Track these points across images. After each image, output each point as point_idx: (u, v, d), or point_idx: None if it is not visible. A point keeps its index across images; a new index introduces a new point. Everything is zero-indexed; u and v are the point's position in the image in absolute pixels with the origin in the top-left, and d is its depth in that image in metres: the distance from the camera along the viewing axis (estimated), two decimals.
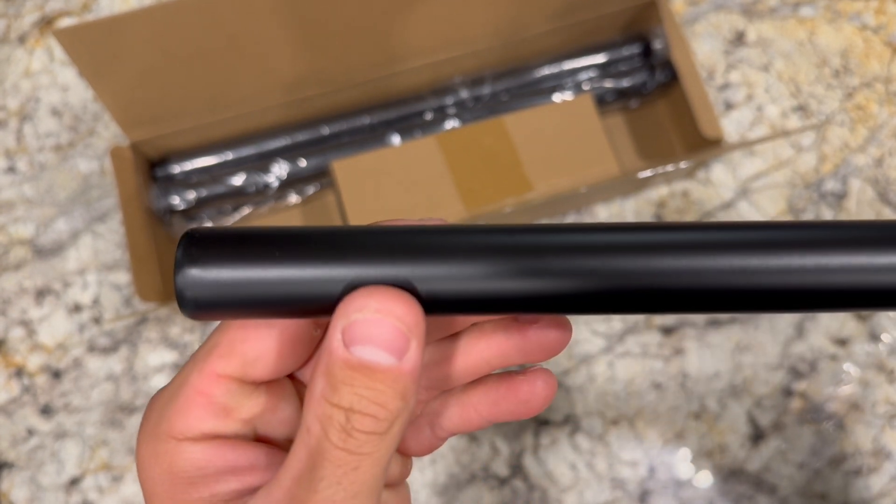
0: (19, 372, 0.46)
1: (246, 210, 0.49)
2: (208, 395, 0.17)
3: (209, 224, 0.49)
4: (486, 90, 0.50)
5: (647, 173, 0.44)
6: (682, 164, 0.46)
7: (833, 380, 0.49)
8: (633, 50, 0.51)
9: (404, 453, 0.21)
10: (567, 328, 0.19)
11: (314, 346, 0.18)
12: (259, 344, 0.17)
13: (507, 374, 0.20)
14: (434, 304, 0.16)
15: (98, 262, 0.48)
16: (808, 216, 0.52)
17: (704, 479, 0.47)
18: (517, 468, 0.46)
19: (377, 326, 0.15)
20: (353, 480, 0.15)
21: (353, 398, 0.15)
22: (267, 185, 0.47)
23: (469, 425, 0.20)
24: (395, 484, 0.20)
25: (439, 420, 0.20)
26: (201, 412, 0.17)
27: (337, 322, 0.15)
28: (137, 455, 0.17)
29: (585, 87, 0.50)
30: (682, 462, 0.47)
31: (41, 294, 0.48)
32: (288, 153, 0.48)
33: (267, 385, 0.18)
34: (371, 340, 0.15)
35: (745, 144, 0.45)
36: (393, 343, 0.15)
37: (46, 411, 0.46)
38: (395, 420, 0.15)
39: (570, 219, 0.51)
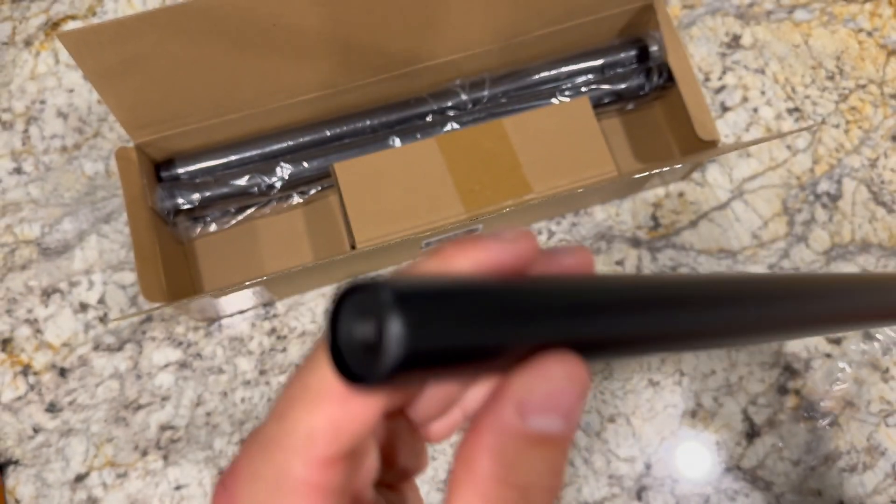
0: (26, 370, 0.47)
1: (249, 211, 0.50)
2: (323, 486, 0.15)
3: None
4: (485, 93, 0.51)
5: (643, 175, 0.45)
6: (678, 166, 0.46)
7: (828, 378, 0.49)
8: (630, 53, 0.52)
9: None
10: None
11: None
12: (369, 415, 0.15)
13: None
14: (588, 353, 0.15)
15: (103, 262, 0.49)
16: (803, 217, 0.53)
17: (700, 475, 0.47)
18: None
19: (564, 396, 0.14)
20: None
21: (532, 475, 0.14)
22: (270, 187, 0.48)
23: None
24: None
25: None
26: None
27: (513, 393, 0.14)
28: None
29: (583, 89, 0.51)
30: (678, 459, 0.48)
31: (47, 293, 0.48)
32: (291, 155, 0.49)
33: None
34: (555, 410, 0.14)
35: (741, 146, 0.46)
36: (571, 409, 0.14)
37: (52, 409, 0.46)
38: (562, 485, 0.14)
39: (569, 219, 0.52)
